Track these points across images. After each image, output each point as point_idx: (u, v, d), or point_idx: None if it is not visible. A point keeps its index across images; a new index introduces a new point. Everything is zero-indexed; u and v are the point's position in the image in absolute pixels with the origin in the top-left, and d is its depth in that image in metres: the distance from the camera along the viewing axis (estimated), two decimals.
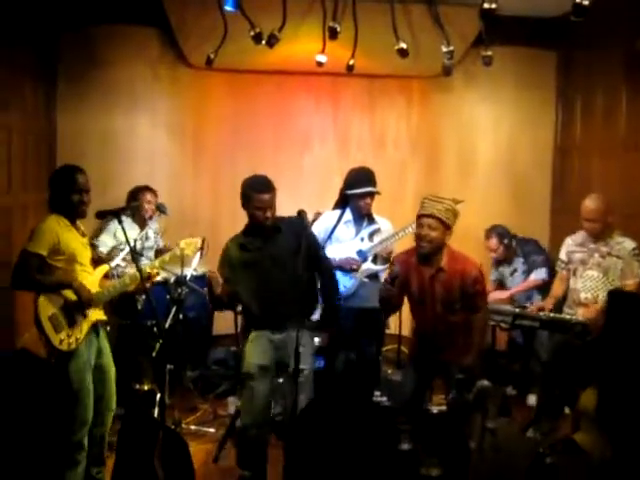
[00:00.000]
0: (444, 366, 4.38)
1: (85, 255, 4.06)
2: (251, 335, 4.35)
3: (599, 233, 5.05)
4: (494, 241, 6.19)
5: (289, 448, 4.08)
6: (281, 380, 4.70)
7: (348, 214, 5.15)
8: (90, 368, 4.02)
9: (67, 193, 3.96)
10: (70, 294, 3.91)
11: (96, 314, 4.07)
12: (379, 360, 5.40)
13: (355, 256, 5.09)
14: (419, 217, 4.26)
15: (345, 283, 5.07)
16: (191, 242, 4.68)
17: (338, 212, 5.13)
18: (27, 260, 3.84)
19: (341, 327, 5.06)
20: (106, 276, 4.30)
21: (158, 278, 5.28)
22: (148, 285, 4.28)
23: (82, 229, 4.11)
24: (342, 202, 5.17)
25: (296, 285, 4.10)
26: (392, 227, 5.18)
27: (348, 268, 5.04)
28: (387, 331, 6.25)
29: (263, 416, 4.29)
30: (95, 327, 4.07)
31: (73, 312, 3.93)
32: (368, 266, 5.08)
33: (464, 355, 4.24)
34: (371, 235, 5.16)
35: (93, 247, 4.40)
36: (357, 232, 5.17)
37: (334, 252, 5.05)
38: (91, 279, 4.06)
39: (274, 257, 4.30)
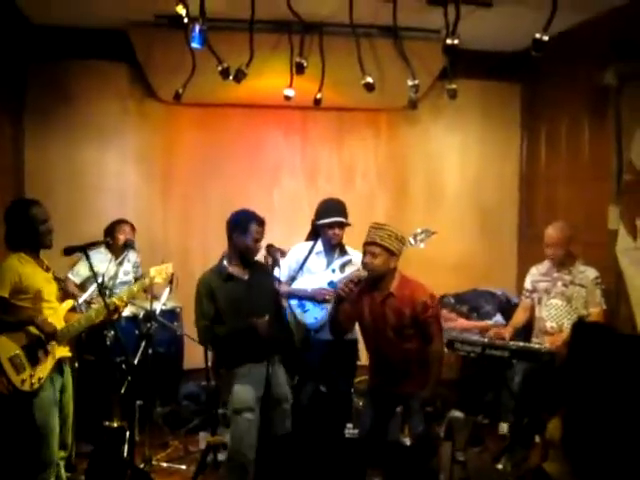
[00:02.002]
0: (402, 399, 4.38)
1: (51, 291, 3.95)
2: (239, 369, 4.28)
3: (561, 259, 5.17)
4: (444, 312, 6.26)
5: None
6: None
7: (319, 245, 5.17)
8: (56, 405, 3.89)
9: (32, 225, 3.85)
10: (33, 330, 3.78)
11: (60, 351, 3.93)
12: (351, 393, 5.39)
13: (327, 287, 5.06)
14: (364, 245, 4.37)
15: (316, 314, 5.06)
16: (161, 269, 4.61)
17: (310, 243, 5.16)
18: None
19: (311, 359, 5.06)
20: (73, 309, 4.19)
21: (126, 313, 5.29)
22: (115, 317, 4.21)
23: (46, 263, 4.00)
24: (313, 233, 5.19)
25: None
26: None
27: (321, 299, 5.01)
28: (359, 362, 6.28)
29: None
30: (59, 364, 3.94)
31: (36, 350, 3.80)
32: None
33: (421, 387, 4.24)
34: (343, 266, 5.14)
35: (62, 280, 4.24)
36: (329, 263, 5.16)
37: (306, 283, 5.05)
38: (56, 315, 3.95)
39: (260, 290, 4.36)
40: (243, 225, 4.32)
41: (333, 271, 5.13)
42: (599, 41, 5.79)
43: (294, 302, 5.09)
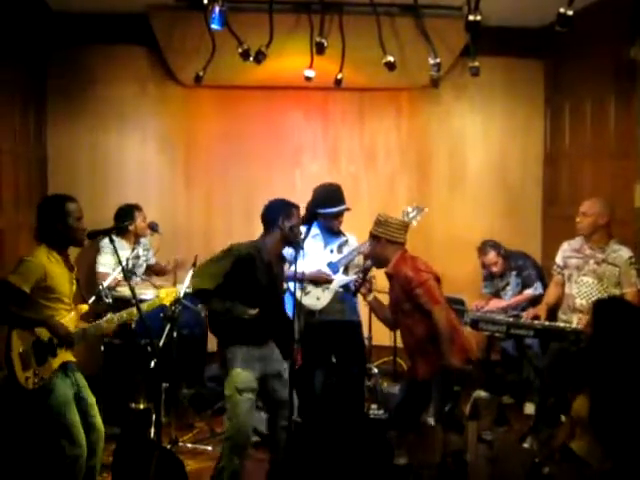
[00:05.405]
0: (427, 384, 4.40)
1: (70, 292, 3.90)
2: (241, 350, 4.20)
3: (589, 231, 5.11)
4: (492, 254, 6.10)
5: (284, 467, 4.08)
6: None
7: (315, 229, 5.16)
8: (72, 400, 3.83)
9: (66, 221, 3.80)
10: (44, 332, 3.73)
11: (66, 355, 3.86)
12: (363, 376, 5.40)
13: (326, 269, 5.11)
14: None
15: (319, 294, 5.09)
16: (170, 292, 4.57)
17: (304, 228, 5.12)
18: (7, 292, 3.65)
19: (317, 341, 5.06)
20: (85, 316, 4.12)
21: (151, 296, 5.31)
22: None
23: (71, 262, 3.94)
24: (309, 219, 5.11)
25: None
26: (357, 241, 5.25)
27: (322, 281, 5.06)
28: (382, 343, 6.27)
29: None
30: (64, 367, 3.85)
31: (44, 350, 3.74)
32: (340, 278, 5.11)
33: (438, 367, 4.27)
34: (340, 247, 5.20)
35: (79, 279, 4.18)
36: (326, 244, 5.20)
37: (304, 266, 4.97)
38: (69, 317, 3.87)
39: (278, 283, 4.45)
40: (287, 211, 4.30)
41: (331, 251, 5.18)
42: (624, 15, 5.69)
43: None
